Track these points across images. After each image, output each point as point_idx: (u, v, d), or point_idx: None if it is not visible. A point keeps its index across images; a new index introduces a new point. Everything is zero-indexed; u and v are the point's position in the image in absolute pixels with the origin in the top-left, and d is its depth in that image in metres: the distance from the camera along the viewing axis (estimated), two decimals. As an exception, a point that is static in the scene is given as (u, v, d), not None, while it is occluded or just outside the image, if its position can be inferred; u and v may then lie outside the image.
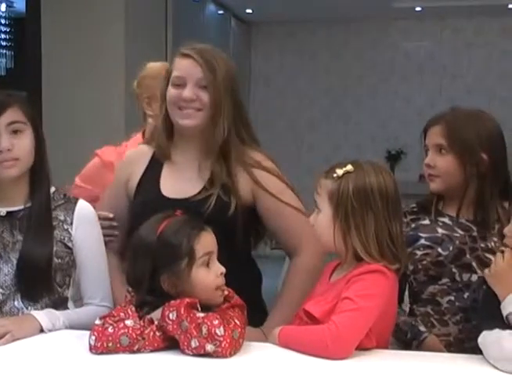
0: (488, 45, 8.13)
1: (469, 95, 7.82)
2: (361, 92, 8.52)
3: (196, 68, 2.25)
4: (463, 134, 2.19)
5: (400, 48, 8.47)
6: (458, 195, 2.25)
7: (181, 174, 2.31)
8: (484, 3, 7.36)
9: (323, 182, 1.93)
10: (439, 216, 2.29)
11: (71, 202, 2.15)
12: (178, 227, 1.86)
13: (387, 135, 8.34)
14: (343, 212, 1.89)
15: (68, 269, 2.10)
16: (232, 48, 7.92)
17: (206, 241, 1.87)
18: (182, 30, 6.18)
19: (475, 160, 2.19)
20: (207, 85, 2.24)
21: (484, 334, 1.80)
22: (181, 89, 2.24)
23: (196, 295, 1.82)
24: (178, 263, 1.81)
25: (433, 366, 1.80)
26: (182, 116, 2.26)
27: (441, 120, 2.25)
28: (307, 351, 1.80)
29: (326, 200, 1.92)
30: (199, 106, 2.24)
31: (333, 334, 1.77)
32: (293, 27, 8.53)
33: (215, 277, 1.85)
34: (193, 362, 1.75)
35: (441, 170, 2.22)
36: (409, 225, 2.31)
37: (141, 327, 1.77)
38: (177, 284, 1.82)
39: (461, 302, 2.19)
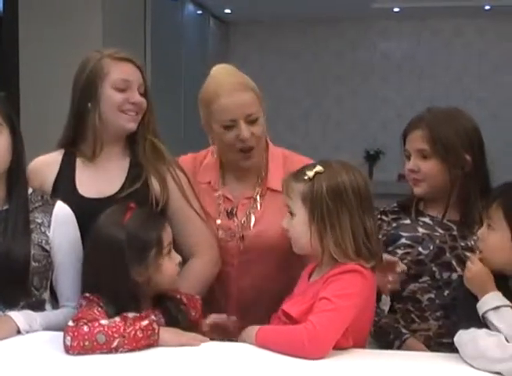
0: (465, 45, 8.19)
1: (447, 95, 7.86)
2: (340, 92, 8.55)
3: (137, 73, 2.30)
4: (446, 137, 2.19)
5: (379, 49, 8.51)
6: (441, 196, 2.26)
7: (100, 174, 2.31)
8: (461, 4, 7.41)
9: (294, 186, 1.93)
10: (420, 216, 2.30)
11: (49, 204, 2.13)
12: (143, 219, 1.91)
13: (365, 136, 8.38)
14: (318, 213, 1.88)
15: (45, 272, 2.08)
16: (210, 48, 7.91)
17: (168, 231, 1.95)
18: (160, 30, 6.16)
19: (459, 162, 2.20)
20: (145, 91, 2.31)
21: (460, 333, 1.81)
22: (126, 93, 2.26)
23: (162, 284, 1.90)
24: (148, 254, 1.86)
25: (409, 365, 1.81)
26: (127, 119, 2.28)
27: (420, 124, 2.23)
28: (284, 351, 1.80)
29: (299, 204, 1.91)
30: (138, 110, 2.29)
31: (310, 333, 1.77)
32: (272, 27, 8.54)
33: (175, 265, 1.95)
34: (171, 361, 1.76)
35: (426, 174, 2.22)
36: (390, 225, 2.33)
37: (117, 325, 1.78)
38: (146, 274, 1.87)
39: (441, 300, 2.20)
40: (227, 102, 2.28)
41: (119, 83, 2.24)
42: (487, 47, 8.13)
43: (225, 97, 2.28)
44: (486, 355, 1.72)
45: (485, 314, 1.79)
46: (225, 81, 2.32)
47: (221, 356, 1.82)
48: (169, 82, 6.56)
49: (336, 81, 8.54)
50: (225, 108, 2.28)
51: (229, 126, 2.28)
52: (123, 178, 2.29)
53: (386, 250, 2.28)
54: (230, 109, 2.28)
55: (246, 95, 2.30)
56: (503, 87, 8.08)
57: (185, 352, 1.81)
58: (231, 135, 2.29)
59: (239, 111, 2.28)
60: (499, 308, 1.78)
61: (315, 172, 1.90)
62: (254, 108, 2.31)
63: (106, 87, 2.24)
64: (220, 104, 2.28)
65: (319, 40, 8.55)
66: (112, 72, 2.24)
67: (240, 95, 2.29)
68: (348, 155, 7.62)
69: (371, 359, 1.84)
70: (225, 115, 2.28)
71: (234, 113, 2.27)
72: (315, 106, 8.63)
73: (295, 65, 8.63)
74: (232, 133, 2.28)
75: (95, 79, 2.25)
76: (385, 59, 8.49)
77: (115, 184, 2.28)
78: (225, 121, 2.28)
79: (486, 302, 1.81)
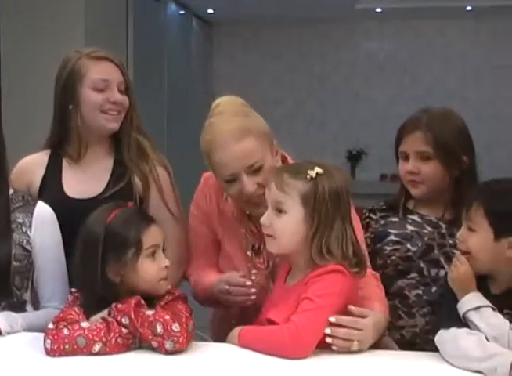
0: (448, 46, 8.23)
1: (429, 95, 7.89)
2: (324, 92, 8.56)
3: (116, 71, 2.28)
4: (447, 139, 2.20)
5: (362, 49, 8.53)
6: (433, 196, 2.27)
7: (85, 174, 2.32)
8: (443, 5, 7.44)
9: (291, 183, 1.89)
10: (408, 214, 2.32)
11: (30, 204, 2.13)
12: (128, 217, 1.89)
13: (348, 136, 8.40)
14: (319, 215, 1.86)
15: (27, 272, 2.07)
16: (193, 48, 7.90)
17: (153, 234, 1.89)
18: (143, 30, 6.15)
19: (458, 163, 2.22)
20: (126, 89, 2.30)
21: (441, 332, 1.82)
22: (105, 93, 2.25)
23: (138, 286, 1.85)
24: (125, 252, 1.84)
25: (390, 364, 1.82)
26: (109, 119, 2.27)
27: (419, 125, 2.23)
28: (267, 350, 1.80)
29: (297, 202, 1.88)
30: (120, 109, 2.28)
31: (292, 333, 1.78)
32: (255, 27, 8.55)
33: (159, 269, 1.88)
34: (152, 361, 1.75)
35: (426, 176, 2.23)
36: (378, 222, 2.35)
37: (98, 328, 1.77)
38: (121, 273, 1.84)
39: (428, 296, 2.22)
40: (224, 156, 2.07)
41: (98, 83, 2.24)
42: (469, 47, 8.18)
43: (221, 150, 2.07)
44: (467, 354, 1.73)
45: (466, 314, 1.80)
46: (221, 130, 2.09)
47: (204, 357, 1.81)
48: (152, 82, 6.55)
49: (319, 81, 8.56)
50: (223, 163, 2.08)
51: (231, 180, 2.09)
52: (107, 178, 2.30)
53: (374, 247, 2.30)
54: (228, 163, 2.07)
55: (245, 144, 2.06)
56: (485, 87, 8.13)
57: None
58: (234, 190, 2.10)
59: (239, 164, 2.06)
60: (479, 308, 1.79)
61: (317, 173, 1.88)
62: (255, 156, 2.07)
63: (85, 88, 2.24)
64: (217, 159, 2.09)
65: (302, 40, 8.57)
66: (90, 72, 2.24)
67: (238, 146, 2.06)
68: (331, 155, 7.66)
69: (353, 358, 1.84)
70: (224, 170, 2.08)
71: (233, 168, 2.06)
72: (298, 106, 8.64)
73: (278, 65, 8.64)
74: (235, 187, 2.09)
75: (73, 81, 2.24)
76: (368, 60, 8.52)
77: (100, 184, 2.29)
78: (225, 176, 2.09)
79: (467, 302, 1.82)
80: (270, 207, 1.92)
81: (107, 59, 2.27)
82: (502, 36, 8.07)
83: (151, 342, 1.76)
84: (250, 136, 2.08)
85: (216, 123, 2.12)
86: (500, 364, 1.66)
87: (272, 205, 1.92)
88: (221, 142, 2.08)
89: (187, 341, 1.78)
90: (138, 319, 1.76)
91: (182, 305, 1.88)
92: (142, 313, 1.77)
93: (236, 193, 2.12)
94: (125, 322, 1.78)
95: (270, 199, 1.93)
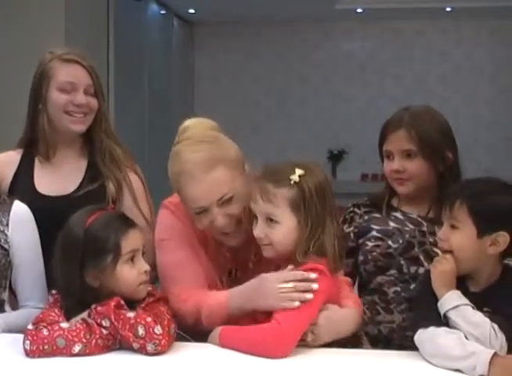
0: (427, 46, 8.27)
1: (409, 95, 7.92)
2: (304, 92, 8.58)
3: (84, 74, 2.31)
4: (430, 136, 2.22)
5: (342, 49, 8.55)
6: (418, 194, 2.28)
7: (57, 172, 2.34)
8: (423, 6, 7.48)
9: (277, 192, 1.87)
10: (391, 211, 2.33)
11: (6, 203, 2.13)
12: (107, 222, 1.88)
13: (329, 135, 8.42)
14: (310, 217, 1.87)
15: (4, 271, 2.07)
16: (174, 47, 7.89)
17: (133, 238, 1.88)
18: (123, 30, 6.13)
19: (442, 160, 2.24)
20: (95, 92, 2.32)
21: (420, 332, 1.83)
22: (70, 95, 2.28)
23: (118, 290, 1.84)
24: (103, 257, 1.82)
25: (369, 363, 1.83)
26: (73, 121, 2.30)
27: (401, 124, 2.25)
28: (248, 350, 1.80)
29: (287, 211, 1.87)
30: (87, 111, 2.30)
31: (274, 331, 1.78)
32: (236, 27, 8.54)
33: (138, 274, 1.87)
34: (133, 362, 1.75)
35: (412, 174, 2.24)
36: (362, 217, 2.35)
37: (78, 329, 1.76)
38: (100, 278, 1.84)
39: (407, 293, 2.22)
40: (192, 190, 1.98)
41: (64, 85, 2.28)
42: (448, 47, 8.22)
43: (189, 184, 1.98)
44: (446, 353, 1.74)
45: (447, 313, 1.82)
46: (188, 159, 1.99)
47: (186, 357, 1.81)
48: (133, 82, 6.53)
49: (299, 81, 8.57)
50: (192, 197, 1.99)
51: (201, 213, 2.00)
52: (80, 178, 2.32)
53: (357, 242, 2.32)
54: (197, 197, 1.98)
55: (213, 175, 1.97)
56: (464, 86, 8.18)
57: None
58: (205, 221, 2.01)
59: (208, 198, 1.97)
60: (460, 306, 1.81)
61: (299, 175, 1.87)
62: (225, 188, 1.98)
63: (52, 89, 2.29)
64: (184, 192, 2.01)
65: (283, 40, 8.57)
66: (57, 74, 2.29)
67: (206, 178, 1.97)
68: (312, 155, 7.64)
69: (335, 358, 1.85)
70: (193, 204, 2.00)
71: (202, 202, 1.98)
72: (279, 106, 8.64)
73: (259, 65, 8.64)
74: (206, 219, 2.01)
75: (43, 82, 2.30)
76: (348, 60, 8.54)
77: (72, 183, 2.31)
78: (195, 209, 2.00)
79: (447, 301, 1.83)
80: (260, 219, 1.90)
81: (76, 62, 2.30)
82: (482, 36, 8.13)
83: (132, 344, 1.76)
84: (218, 166, 1.98)
85: (182, 151, 2.02)
86: (479, 363, 1.67)
87: (261, 217, 1.90)
88: (188, 174, 1.98)
89: (168, 344, 1.78)
90: (119, 322, 1.76)
91: (163, 307, 1.87)
92: (122, 315, 1.77)
93: (207, 225, 2.03)
94: (105, 324, 1.77)
95: (258, 211, 1.90)
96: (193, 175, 1.97)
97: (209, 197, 1.98)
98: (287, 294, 1.83)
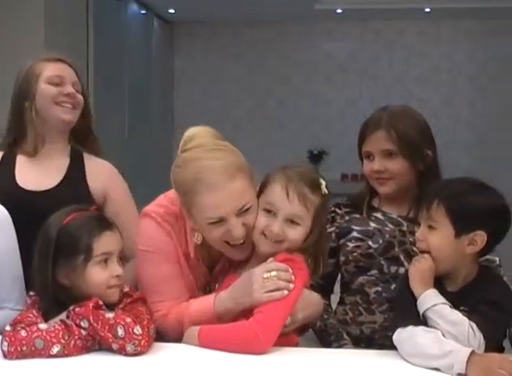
0: (406, 47, 8.30)
1: (388, 95, 7.95)
2: (284, 92, 8.57)
3: (70, 70, 2.40)
4: (409, 136, 2.23)
5: (322, 50, 8.56)
6: (401, 194, 2.30)
7: (40, 168, 2.37)
8: (403, 6, 7.51)
9: (312, 198, 1.93)
10: (372, 211, 2.34)
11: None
12: (83, 222, 1.88)
13: (309, 136, 8.42)
14: (320, 223, 1.98)
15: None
16: (154, 47, 7.87)
17: (106, 241, 1.87)
18: (103, 29, 6.10)
19: (422, 159, 2.25)
20: (80, 90, 2.40)
21: (398, 331, 1.84)
22: (60, 86, 2.35)
23: (87, 291, 1.84)
24: (74, 258, 1.83)
25: (350, 362, 1.85)
26: (63, 111, 2.35)
27: (380, 124, 2.26)
28: (234, 348, 1.81)
29: (311, 216, 1.94)
30: (75, 103, 2.37)
31: (260, 324, 1.80)
32: (216, 27, 8.53)
33: (109, 277, 1.86)
34: (112, 362, 1.75)
35: (393, 173, 2.25)
36: (343, 218, 2.37)
37: (56, 330, 1.76)
38: (71, 277, 1.84)
39: (388, 293, 2.24)
40: (213, 198, 1.88)
41: (53, 78, 2.35)
42: (427, 48, 8.26)
43: (208, 192, 1.87)
44: (424, 352, 1.75)
45: (426, 312, 1.83)
46: (206, 168, 1.89)
47: (165, 358, 1.81)
48: (113, 82, 6.50)
49: (279, 81, 8.57)
50: (211, 206, 1.89)
51: (217, 222, 1.92)
52: (62, 174, 2.36)
53: (338, 242, 2.33)
54: (218, 206, 1.89)
55: (235, 184, 1.89)
56: (443, 87, 8.21)
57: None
58: (219, 232, 1.93)
59: (230, 207, 1.89)
60: (438, 305, 1.82)
61: (325, 186, 1.96)
62: (247, 197, 1.92)
63: (41, 83, 2.34)
64: (203, 200, 1.89)
65: (263, 41, 8.57)
66: (45, 70, 2.35)
67: (230, 186, 1.88)
68: (292, 155, 7.66)
69: (314, 356, 1.86)
70: (211, 213, 1.90)
71: (223, 211, 1.89)
72: (258, 106, 8.64)
73: (238, 65, 8.63)
74: (220, 229, 1.92)
75: (30, 80, 2.35)
76: (328, 60, 8.55)
77: (54, 179, 2.34)
78: (212, 218, 1.91)
79: (426, 300, 1.84)
80: (282, 218, 1.92)
81: (61, 60, 2.40)
82: (460, 37, 8.17)
83: (111, 345, 1.76)
84: (239, 174, 1.91)
85: (199, 159, 1.90)
86: (457, 361, 1.69)
87: (285, 216, 1.92)
88: (208, 182, 1.88)
89: (148, 344, 1.78)
90: (98, 323, 1.75)
91: (142, 307, 1.87)
92: (101, 316, 1.76)
93: (218, 236, 1.95)
94: (84, 325, 1.77)
95: (287, 210, 1.91)
96: (215, 183, 1.87)
97: (231, 207, 1.90)
98: (272, 283, 1.85)
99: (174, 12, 8.03)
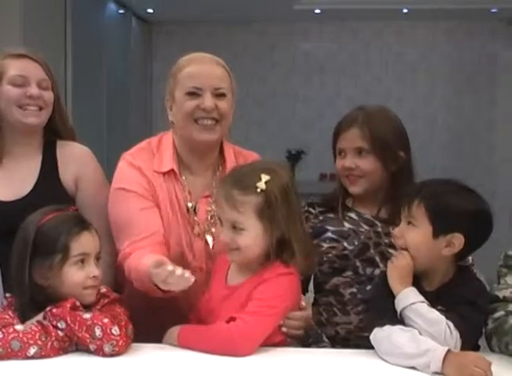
0: (384, 47, 8.33)
1: (367, 95, 7.98)
2: (262, 92, 8.58)
3: (38, 68, 2.28)
4: (383, 135, 2.24)
5: (301, 50, 8.57)
6: (371, 194, 2.30)
7: (10, 176, 2.29)
8: (381, 7, 7.53)
9: (244, 200, 1.88)
10: (347, 211, 2.34)
11: None
12: (61, 222, 1.87)
13: (287, 135, 8.43)
14: (277, 223, 1.89)
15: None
16: (133, 47, 7.84)
17: (84, 241, 1.87)
18: (81, 29, 6.06)
19: (394, 159, 2.26)
20: (49, 85, 2.30)
21: (375, 331, 1.85)
22: (23, 88, 2.25)
23: (63, 291, 1.83)
24: (51, 257, 1.82)
25: (328, 361, 1.86)
26: (24, 115, 2.26)
27: (355, 122, 2.27)
28: (211, 349, 1.81)
29: (253, 218, 1.88)
30: (42, 105, 2.27)
31: (241, 330, 1.79)
32: (194, 27, 8.51)
33: (86, 278, 1.86)
34: (89, 363, 1.74)
35: (364, 171, 2.25)
36: (317, 217, 2.37)
37: (33, 331, 1.75)
38: (48, 277, 1.83)
39: (363, 295, 2.24)
40: (197, 69, 2.20)
41: (15, 79, 2.25)
42: (405, 48, 8.29)
43: (195, 64, 2.20)
44: (401, 351, 1.76)
45: (403, 310, 1.84)
46: (199, 55, 2.26)
47: (144, 358, 1.81)
48: (91, 82, 6.47)
49: (257, 80, 8.57)
50: (194, 74, 2.19)
51: (193, 93, 2.18)
52: (35, 178, 2.28)
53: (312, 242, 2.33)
54: (199, 76, 2.19)
55: (218, 70, 2.23)
56: (420, 87, 8.25)
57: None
58: (192, 103, 2.18)
59: (208, 81, 2.19)
60: (416, 303, 1.83)
61: (265, 182, 1.88)
62: (223, 84, 2.23)
63: (4, 85, 2.26)
64: (189, 70, 2.20)
65: (241, 40, 8.57)
66: (9, 70, 2.26)
67: (212, 67, 2.22)
68: (271, 155, 7.66)
69: (292, 356, 1.87)
70: (191, 81, 2.19)
71: (201, 82, 2.18)
72: (236, 106, 8.61)
73: (217, 65, 8.63)
74: (194, 101, 2.18)
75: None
76: (307, 60, 8.56)
77: (27, 184, 2.27)
78: (190, 87, 2.18)
79: (403, 299, 1.85)
80: (226, 226, 1.91)
81: (27, 57, 2.28)
82: (437, 38, 8.21)
83: (89, 346, 1.75)
84: (223, 69, 2.25)
85: (196, 53, 2.26)
86: (433, 360, 1.70)
87: (227, 224, 1.91)
88: (200, 59, 2.21)
89: (126, 344, 1.78)
90: (75, 323, 1.75)
91: (119, 308, 1.87)
92: (79, 317, 1.76)
93: (192, 107, 2.16)
94: (61, 326, 1.76)
95: (224, 218, 1.91)
96: (204, 60, 2.22)
97: (210, 81, 2.18)
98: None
99: (152, 12, 8.00)
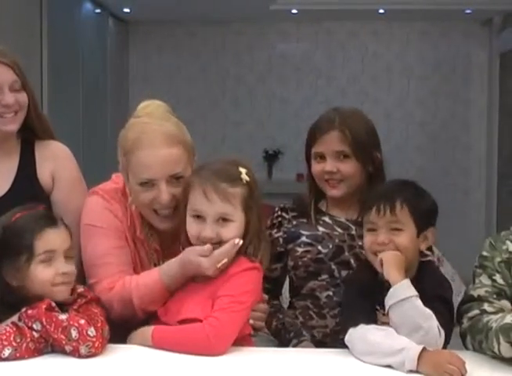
0: (360, 47, 8.36)
1: (343, 96, 8.02)
2: (239, 92, 8.58)
3: (7, 71, 2.20)
4: (361, 137, 2.25)
5: (277, 50, 8.58)
6: (348, 197, 2.31)
7: None
8: (357, 8, 7.56)
9: (234, 191, 1.89)
10: (319, 215, 2.34)
11: None
12: (26, 221, 1.86)
13: (264, 136, 8.44)
14: (256, 214, 1.94)
15: None
16: (109, 47, 7.80)
17: (49, 239, 1.86)
18: (57, 29, 6.03)
19: (371, 160, 2.27)
20: (22, 86, 2.23)
21: (350, 331, 1.86)
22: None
23: (34, 291, 1.83)
24: (18, 257, 1.82)
25: (302, 360, 1.87)
26: (3, 122, 2.21)
27: (332, 125, 2.26)
28: (186, 349, 1.81)
29: (239, 209, 1.90)
30: (17, 109, 2.22)
31: (215, 329, 1.80)
32: (171, 26, 8.49)
33: (55, 275, 1.84)
34: (65, 364, 1.74)
35: (345, 175, 2.26)
36: (290, 222, 2.37)
37: (7, 332, 1.74)
38: (17, 278, 1.83)
39: (339, 297, 2.24)
40: (150, 157, 1.98)
41: None
42: (381, 49, 8.33)
43: (148, 151, 1.98)
44: (376, 350, 1.78)
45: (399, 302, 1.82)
46: (153, 130, 2.02)
47: (119, 359, 1.81)
48: (67, 82, 6.43)
49: (234, 81, 8.58)
50: (147, 164, 1.99)
51: (146, 184, 2.01)
52: (13, 177, 2.26)
53: (286, 247, 2.33)
54: (152, 166, 1.99)
55: (172, 151, 2.00)
56: (396, 87, 8.29)
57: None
58: (147, 196, 2.02)
59: (161, 170, 1.99)
60: (412, 297, 1.83)
61: (246, 174, 1.92)
62: (180, 166, 2.01)
63: None
64: (139, 158, 1.99)
65: (217, 40, 8.56)
66: None
67: (168, 151, 1.99)
68: (248, 155, 7.66)
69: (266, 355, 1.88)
70: (143, 172, 1.99)
71: (154, 172, 1.99)
72: (213, 106, 8.63)
73: (193, 65, 8.61)
74: (149, 194, 2.01)
75: None
76: (283, 60, 8.57)
77: (5, 183, 2.25)
78: (143, 178, 2.00)
79: (400, 289, 1.84)
80: (211, 220, 1.90)
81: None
82: (413, 38, 8.26)
83: (65, 347, 1.75)
84: (179, 145, 2.02)
85: (147, 123, 2.03)
86: (408, 358, 1.72)
87: (213, 217, 1.90)
88: (150, 142, 1.98)
89: (102, 346, 1.77)
90: (51, 325, 1.74)
91: (96, 308, 1.87)
92: (55, 318, 1.75)
93: (146, 201, 2.02)
94: (37, 327, 1.76)
95: (212, 211, 1.90)
96: (154, 144, 1.98)
97: (164, 170, 1.99)
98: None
99: (129, 12, 7.97)
